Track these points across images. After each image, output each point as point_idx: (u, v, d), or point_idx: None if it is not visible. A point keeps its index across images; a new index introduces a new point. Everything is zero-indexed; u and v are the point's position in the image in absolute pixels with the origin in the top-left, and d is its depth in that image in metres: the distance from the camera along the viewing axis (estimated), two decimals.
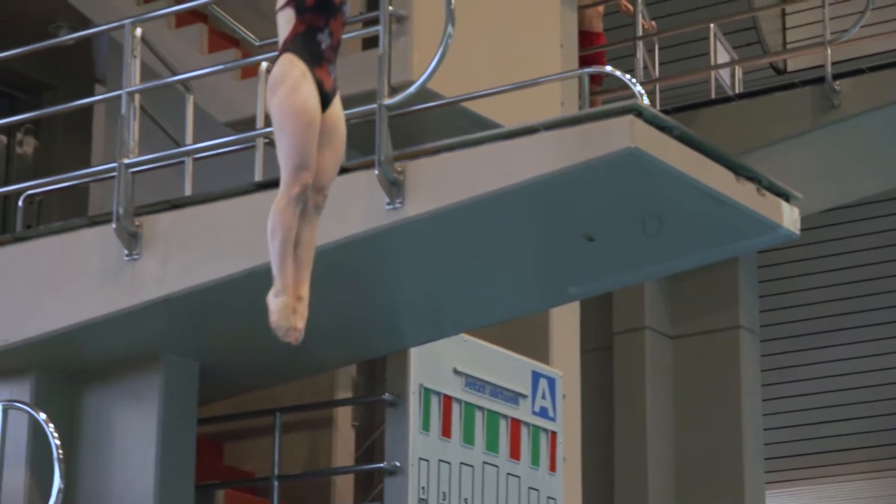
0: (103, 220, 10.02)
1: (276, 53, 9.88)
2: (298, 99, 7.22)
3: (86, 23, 12.36)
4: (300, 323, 7.26)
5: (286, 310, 7.19)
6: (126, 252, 9.80)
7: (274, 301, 7.19)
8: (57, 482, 9.40)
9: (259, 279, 9.40)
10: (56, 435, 9.58)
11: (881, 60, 16.05)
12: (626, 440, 16.36)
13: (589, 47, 15.48)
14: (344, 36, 11.50)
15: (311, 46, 7.38)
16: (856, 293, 21.50)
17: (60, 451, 9.51)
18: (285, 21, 7.39)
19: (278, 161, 7.20)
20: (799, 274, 21.49)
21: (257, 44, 11.79)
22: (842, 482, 22.01)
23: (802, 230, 9.48)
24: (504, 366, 12.03)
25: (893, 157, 16.48)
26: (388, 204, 8.99)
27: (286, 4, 7.37)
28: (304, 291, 7.33)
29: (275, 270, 7.23)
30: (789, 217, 9.19)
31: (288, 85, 7.25)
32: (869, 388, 21.49)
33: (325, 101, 7.35)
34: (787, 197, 9.17)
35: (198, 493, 10.80)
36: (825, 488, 22.25)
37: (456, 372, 11.60)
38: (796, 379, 21.61)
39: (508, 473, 11.87)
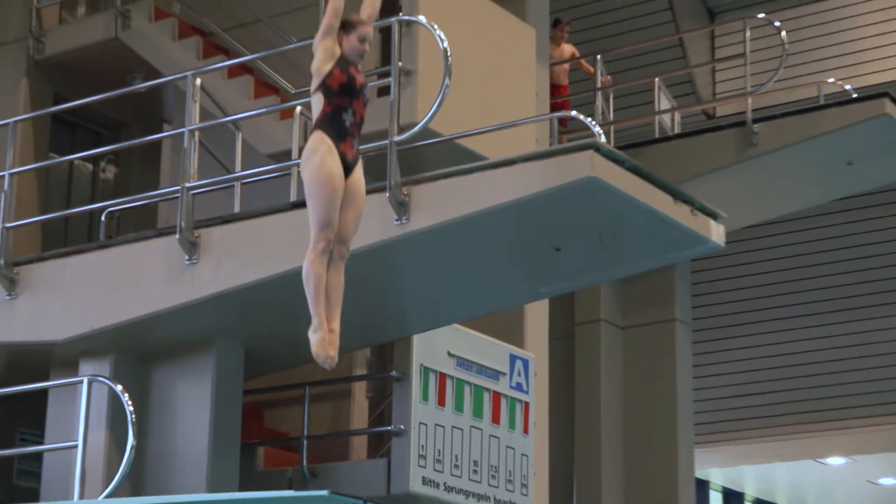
0: (169, 231, 10.12)
1: (307, 100, 10.20)
2: (325, 170, 7.43)
3: (156, 74, 12.47)
4: (333, 352, 7.56)
5: (323, 342, 7.49)
6: (187, 258, 9.92)
7: (313, 336, 7.50)
8: (130, 440, 9.39)
9: (293, 279, 9.49)
10: (130, 403, 9.58)
11: (791, 108, 16.07)
12: (585, 410, 16.39)
13: (557, 96, 15.63)
14: None
15: (337, 124, 7.57)
16: (767, 293, 21.66)
17: (133, 416, 9.51)
18: (317, 102, 7.59)
19: (309, 215, 7.46)
20: (723, 278, 21.64)
21: (293, 91, 11.89)
22: (755, 442, 22.16)
23: (727, 243, 9.60)
24: (487, 349, 12.11)
25: (801, 186, 16.56)
26: (397, 220, 9.14)
27: (317, 89, 7.58)
28: (336, 325, 7.61)
29: (311, 310, 7.48)
30: (716, 232, 9.33)
31: (317, 158, 7.47)
32: (777, 369, 21.65)
33: (348, 169, 7.57)
34: (714, 216, 9.31)
35: (242, 450, 10.85)
36: (741, 447, 22.42)
37: (449, 354, 11.68)
38: (721, 361, 21.78)
39: (490, 435, 11.95)
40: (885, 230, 21.01)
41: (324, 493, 7.75)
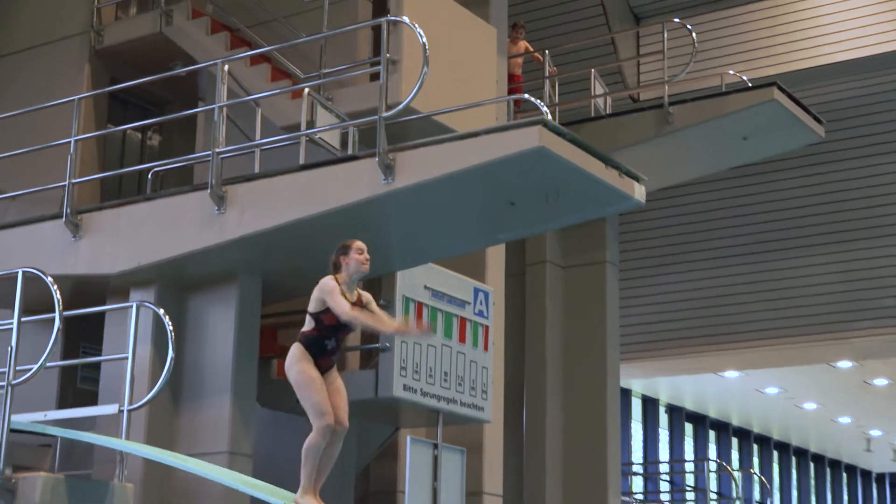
0: (202, 187, 10.11)
1: (314, 83, 10.17)
2: (306, 376, 7.49)
3: (192, 61, 12.42)
4: None
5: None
6: (216, 208, 9.92)
7: (302, 499, 7.55)
8: (170, 353, 9.35)
9: (302, 226, 9.65)
10: (170, 323, 9.53)
11: (699, 94, 16.09)
12: (533, 333, 16.44)
13: (513, 83, 15.67)
14: (358, 72, 11.83)
15: (319, 347, 7.59)
16: (679, 241, 21.75)
17: (172, 334, 9.45)
18: (309, 321, 7.60)
19: (307, 413, 7.51)
20: (645, 228, 21.72)
21: (302, 76, 11.93)
22: (668, 359, 22.29)
23: (647, 200, 9.60)
24: (456, 283, 12.12)
25: (707, 156, 16.69)
26: (384, 180, 9.12)
27: (312, 314, 7.58)
28: (318, 488, 7.64)
29: (303, 479, 7.54)
30: (639, 192, 9.34)
31: (298, 367, 7.50)
32: (686, 301, 21.75)
33: (325, 371, 7.60)
34: (637, 179, 9.33)
35: (260, 363, 10.91)
36: (657, 363, 22.56)
37: (426, 287, 11.69)
38: (642, 294, 21.89)
39: (458, 351, 12.00)
40: (774, 192, 21.10)
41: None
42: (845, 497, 39.41)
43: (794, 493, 36.50)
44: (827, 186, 20.80)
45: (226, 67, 10.37)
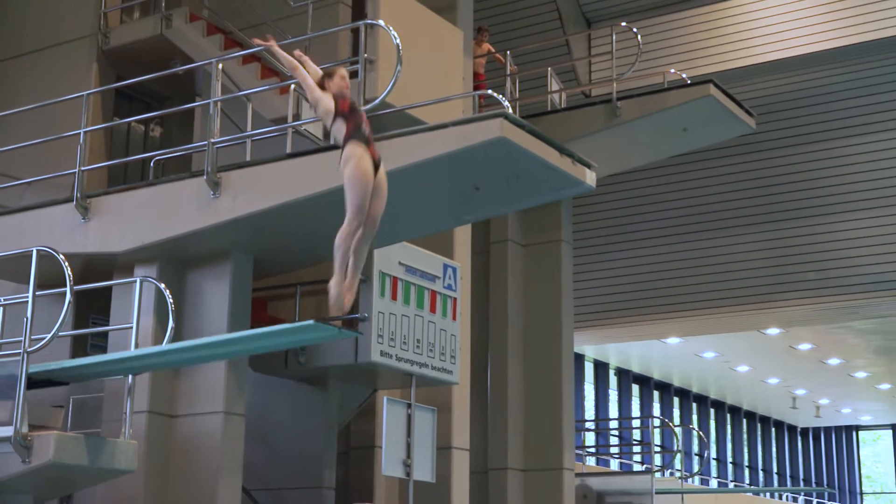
0: (199, 174, 10.03)
1: (297, 81, 10.12)
2: (360, 171, 7.30)
3: (190, 60, 12.34)
4: (348, 303, 7.47)
5: (339, 296, 7.39)
6: (212, 193, 9.86)
7: (333, 289, 7.42)
8: (170, 324, 9.35)
9: (289, 208, 9.60)
10: (170, 297, 9.54)
11: (644, 90, 16.11)
12: (496, 304, 16.42)
13: (478, 81, 15.66)
14: None
15: (361, 134, 7.41)
16: (626, 222, 21.82)
17: (172, 306, 9.46)
18: (339, 128, 7.45)
19: (346, 203, 7.37)
20: (596, 210, 21.78)
21: (288, 74, 11.72)
22: (616, 327, 22.39)
23: (597, 185, 9.57)
24: (427, 259, 12.08)
25: (651, 146, 16.70)
26: None
27: (335, 120, 7.43)
28: (354, 283, 7.50)
29: (336, 269, 7.42)
30: (590, 177, 9.30)
31: (354, 161, 7.30)
32: (632, 276, 21.84)
33: (376, 167, 7.43)
34: (588, 166, 9.29)
35: None
36: (607, 330, 22.67)
37: (400, 263, 11.66)
38: (593, 270, 21.95)
39: (429, 321, 11.97)
40: (711, 177, 21.17)
41: (310, 322, 7.78)
42: (773, 449, 39.71)
43: (729, 446, 36.76)
44: (757, 173, 20.89)
45: (220, 66, 10.30)
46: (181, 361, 9.85)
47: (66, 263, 8.76)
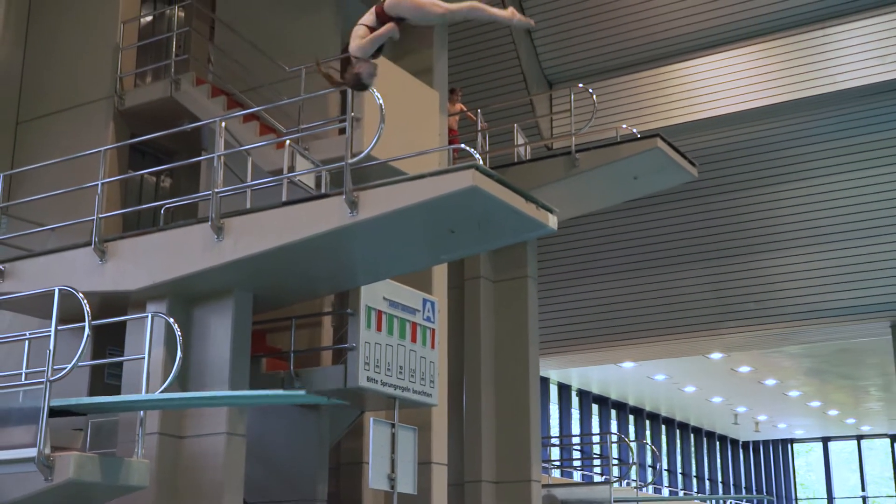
0: (204, 220, 10.01)
1: (295, 136, 10.10)
2: None
3: (196, 119, 12.35)
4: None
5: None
6: (216, 237, 9.82)
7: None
8: (178, 354, 9.31)
9: (284, 251, 9.52)
10: (178, 330, 9.51)
11: (599, 143, 16.08)
12: (470, 335, 16.36)
13: (452, 136, 15.68)
14: (328, 128, 11.80)
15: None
16: (584, 261, 21.85)
17: (180, 338, 9.44)
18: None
19: None
20: (558, 250, 21.81)
21: (284, 131, 11.86)
22: (577, 353, 22.37)
23: (559, 228, 9.55)
24: (408, 295, 12.07)
25: (604, 193, 16.72)
26: (350, 213, 9.05)
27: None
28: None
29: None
30: (552, 221, 9.29)
31: None
32: (591, 307, 21.83)
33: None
34: (551, 211, 9.28)
35: (252, 360, 10.71)
36: (569, 356, 22.65)
37: (384, 298, 11.64)
38: (556, 302, 21.95)
39: (410, 350, 11.94)
40: (659, 219, 21.24)
41: (301, 392, 7.66)
42: (718, 460, 39.63)
43: (678, 458, 36.66)
44: (700, 216, 20.98)
45: (223, 124, 10.29)
46: (187, 406, 9.81)
47: (85, 301, 8.70)
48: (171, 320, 9.71)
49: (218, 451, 9.95)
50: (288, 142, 10.73)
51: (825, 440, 43.53)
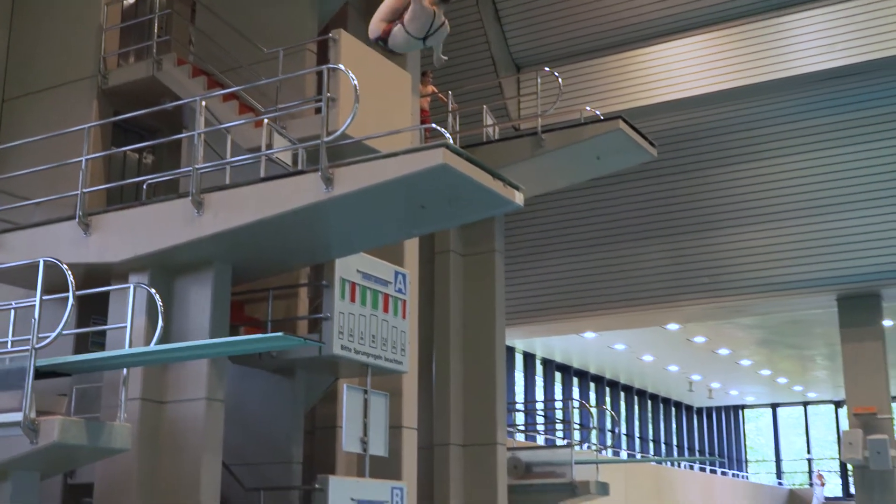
0: (185, 195, 9.89)
1: (273, 115, 9.96)
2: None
3: (178, 98, 12.18)
4: None
5: None
6: (196, 211, 9.73)
7: None
8: (160, 323, 9.20)
9: (262, 225, 9.46)
10: (160, 300, 9.41)
11: (564, 125, 16.04)
12: (440, 306, 16.35)
13: (423, 116, 15.60)
14: (305, 107, 11.71)
15: None
16: (548, 235, 21.90)
17: (162, 308, 9.34)
18: None
19: None
20: (524, 225, 21.85)
21: (262, 110, 11.72)
22: (541, 324, 22.46)
23: (525, 204, 9.52)
24: (381, 267, 11.99)
25: (571, 170, 16.66)
26: (325, 189, 8.98)
27: None
28: None
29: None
30: (519, 198, 9.24)
31: None
32: (555, 280, 21.89)
33: None
34: (517, 188, 9.23)
35: (231, 330, 10.66)
36: (534, 326, 22.72)
37: (358, 270, 11.57)
38: (522, 274, 21.99)
39: (382, 319, 11.88)
40: (620, 197, 21.31)
41: (278, 334, 7.61)
42: (673, 425, 39.98)
43: (636, 422, 36.95)
44: (660, 194, 21.06)
45: (203, 103, 10.17)
46: (169, 359, 9.73)
47: (69, 272, 8.61)
48: (153, 291, 9.61)
49: (198, 416, 9.90)
50: (266, 120, 10.63)
51: (774, 406, 44.01)
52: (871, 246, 19.61)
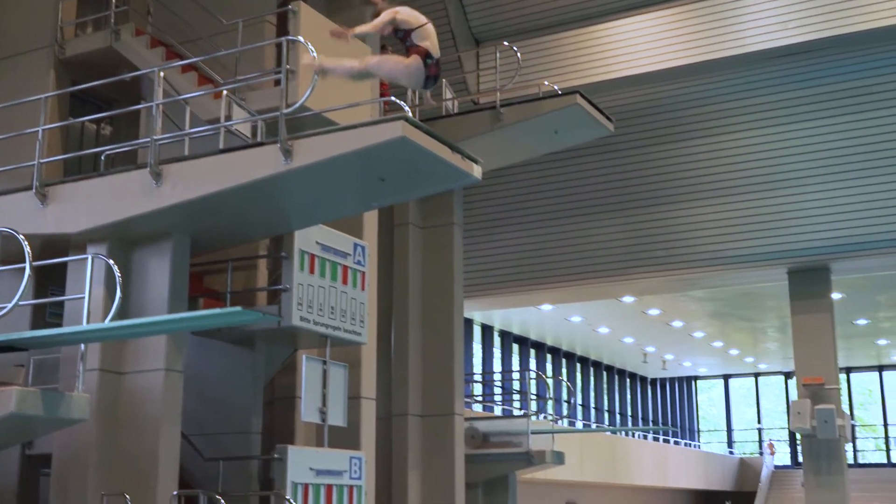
0: (143, 166, 9.79)
1: (231, 86, 9.86)
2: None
3: (136, 69, 12.01)
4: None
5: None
6: (154, 182, 9.64)
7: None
8: (118, 294, 9.10)
9: (221, 196, 9.41)
10: (118, 271, 9.31)
11: (523, 99, 15.92)
12: (399, 278, 16.30)
13: (383, 90, 15.49)
14: (264, 79, 11.59)
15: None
16: (506, 207, 21.94)
17: (120, 280, 9.24)
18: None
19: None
20: (482, 199, 21.86)
21: (221, 82, 11.59)
22: (499, 296, 22.51)
23: (483, 178, 9.54)
24: (340, 239, 11.96)
25: (530, 144, 16.64)
26: (284, 161, 8.94)
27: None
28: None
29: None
30: (477, 171, 9.23)
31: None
32: (512, 253, 21.95)
33: None
34: (475, 161, 9.22)
35: (190, 301, 10.67)
36: (492, 299, 22.77)
37: (317, 242, 11.54)
38: (480, 247, 22.03)
39: (341, 291, 11.86)
40: (578, 171, 21.36)
41: (237, 308, 7.55)
42: (628, 395, 40.36)
43: (591, 393, 37.25)
44: (616, 168, 21.14)
45: (162, 74, 10.06)
46: (127, 335, 9.65)
47: (26, 243, 8.51)
48: (111, 262, 9.51)
49: (156, 386, 9.84)
50: (225, 92, 10.53)
51: (726, 377, 44.56)
52: (821, 220, 19.84)
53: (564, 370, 34.96)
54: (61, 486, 9.82)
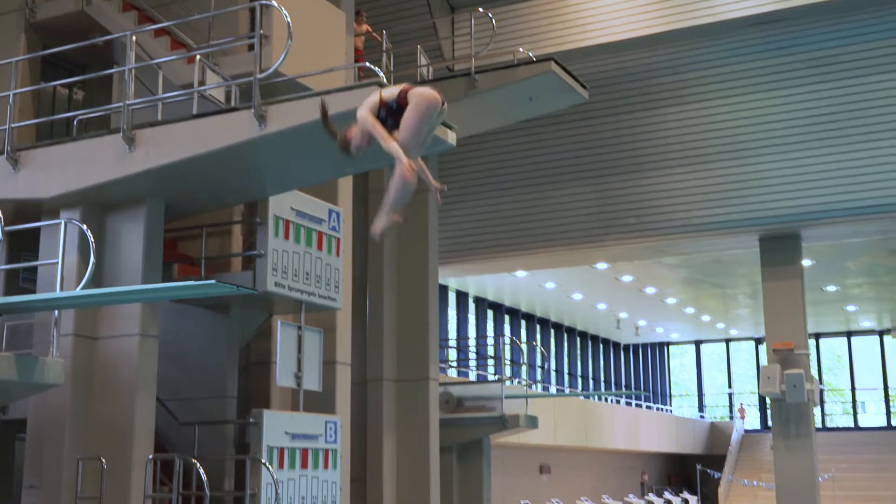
0: (116, 131, 9.75)
1: (205, 51, 9.76)
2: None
3: (108, 32, 11.88)
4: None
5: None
6: (128, 148, 9.60)
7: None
8: (92, 260, 9.00)
9: (194, 161, 9.40)
10: (91, 237, 9.24)
11: (497, 65, 15.90)
12: (374, 243, 16.00)
13: (358, 56, 15.40)
14: (238, 44, 11.47)
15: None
16: (484, 174, 21.90)
17: (93, 245, 9.17)
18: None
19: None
20: (458, 165, 21.82)
21: (195, 46, 11.45)
22: (474, 263, 22.53)
23: (458, 144, 9.56)
24: (315, 206, 11.92)
25: (502, 111, 16.59)
26: (258, 127, 8.93)
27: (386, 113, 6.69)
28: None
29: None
30: (452, 138, 9.30)
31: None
32: (487, 220, 21.95)
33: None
34: (450, 128, 9.27)
35: (164, 267, 10.64)
36: (466, 265, 22.75)
37: (292, 208, 11.50)
38: (456, 212, 22.00)
39: (316, 257, 11.82)
40: (552, 138, 21.34)
41: (211, 281, 7.51)
42: (601, 361, 40.61)
43: (565, 359, 37.46)
44: (589, 135, 21.13)
45: (134, 38, 9.99)
46: (100, 303, 9.60)
47: None
48: (85, 227, 9.44)
49: (131, 351, 9.84)
50: (198, 57, 10.43)
51: (697, 343, 44.90)
52: (791, 188, 19.94)
53: (538, 336, 35.11)
54: (36, 451, 9.80)
